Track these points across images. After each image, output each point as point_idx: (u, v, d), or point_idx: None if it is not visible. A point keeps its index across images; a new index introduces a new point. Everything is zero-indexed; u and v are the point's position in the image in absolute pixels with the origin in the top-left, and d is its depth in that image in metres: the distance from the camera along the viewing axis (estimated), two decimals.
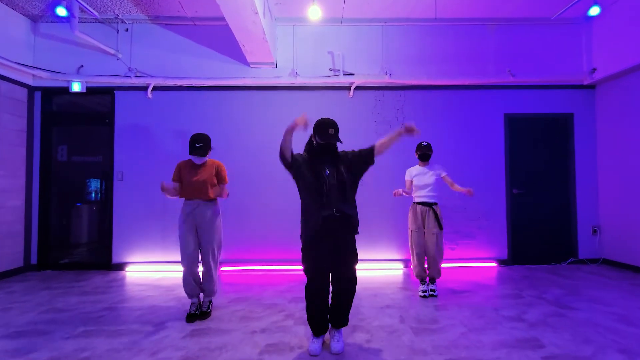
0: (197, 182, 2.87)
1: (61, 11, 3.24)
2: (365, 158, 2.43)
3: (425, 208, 3.42)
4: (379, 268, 4.50)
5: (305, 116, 2.25)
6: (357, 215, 2.36)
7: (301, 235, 2.34)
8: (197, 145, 2.83)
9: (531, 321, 2.78)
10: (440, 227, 3.40)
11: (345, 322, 2.36)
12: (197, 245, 2.91)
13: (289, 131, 2.26)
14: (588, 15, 3.52)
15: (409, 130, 2.39)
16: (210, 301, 3.01)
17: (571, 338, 2.47)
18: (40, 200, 4.55)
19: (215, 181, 2.96)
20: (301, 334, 2.56)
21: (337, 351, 2.24)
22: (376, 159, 2.49)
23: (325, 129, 2.26)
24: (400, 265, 4.56)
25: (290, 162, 2.31)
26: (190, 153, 2.85)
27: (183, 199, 2.97)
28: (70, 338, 2.51)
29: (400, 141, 4.57)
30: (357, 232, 2.37)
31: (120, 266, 4.51)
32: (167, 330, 2.64)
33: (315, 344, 2.27)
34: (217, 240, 2.96)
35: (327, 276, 2.31)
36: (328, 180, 2.26)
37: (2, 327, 2.72)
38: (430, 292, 3.42)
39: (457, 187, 3.46)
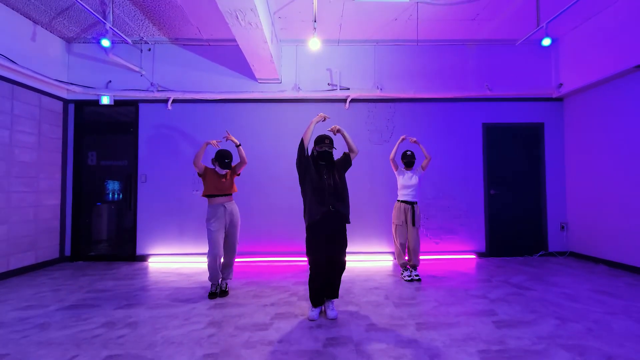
0: (223, 185, 3.51)
1: (105, 43, 3.86)
2: (344, 161, 3.11)
3: (408, 206, 4.04)
4: (371, 260, 5.09)
5: (323, 114, 3.06)
6: (348, 211, 2.99)
7: (306, 227, 2.96)
8: (226, 161, 3.48)
9: (492, 298, 3.38)
10: (416, 225, 4.03)
11: (336, 295, 2.98)
12: (223, 240, 3.54)
13: (313, 123, 2.98)
14: (541, 44, 4.12)
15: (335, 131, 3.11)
16: (227, 282, 3.62)
17: (520, 309, 3.07)
18: (73, 199, 5.16)
19: (233, 177, 3.63)
20: (303, 306, 3.17)
21: (333, 317, 2.86)
22: (353, 161, 3.19)
23: (322, 140, 2.97)
24: (390, 257, 5.15)
25: (306, 156, 2.96)
26: (221, 167, 3.49)
27: (206, 199, 3.57)
28: (117, 309, 3.12)
29: (391, 146, 5.15)
30: (349, 222, 2.99)
31: (144, 257, 5.12)
32: (194, 304, 3.24)
33: (313, 312, 2.88)
34: (238, 238, 3.65)
35: (325, 259, 2.91)
36: (327, 182, 2.90)
37: (58, 302, 3.33)
38: (416, 277, 4.02)
39: (423, 149, 4.22)
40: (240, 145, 3.65)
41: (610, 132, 4.61)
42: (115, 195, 5.32)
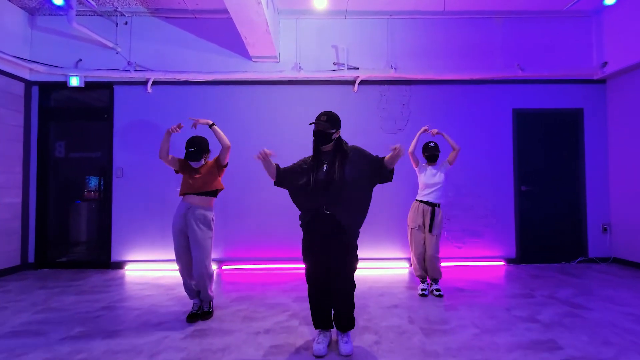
0: (194, 181, 2.74)
1: (58, 0, 3.13)
2: (378, 168, 2.26)
3: (429, 208, 3.32)
4: (384, 267, 4.39)
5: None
6: (351, 219, 2.19)
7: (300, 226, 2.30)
8: (190, 149, 2.70)
9: (545, 322, 2.67)
10: (435, 233, 3.30)
11: (350, 326, 2.23)
12: (189, 252, 2.73)
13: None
14: (604, 4, 3.39)
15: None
16: (210, 301, 2.89)
17: (589, 340, 2.36)
18: (37, 197, 4.45)
19: (214, 175, 2.83)
20: (307, 334, 2.46)
21: (346, 353, 2.13)
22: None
23: (318, 117, 2.23)
24: (406, 264, 4.45)
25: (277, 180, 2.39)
26: (185, 158, 2.74)
27: (180, 194, 2.82)
28: (65, 339, 2.41)
29: (406, 140, 4.48)
30: (351, 235, 2.21)
31: (119, 264, 4.41)
32: (167, 331, 2.53)
33: (320, 345, 2.16)
34: (207, 250, 2.72)
35: (323, 272, 2.20)
36: (320, 175, 2.17)
37: None
38: (437, 293, 3.31)
39: (449, 139, 3.45)
40: (214, 124, 2.82)
41: None
42: (88, 193, 4.60)
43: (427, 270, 3.38)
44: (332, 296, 2.21)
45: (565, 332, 2.49)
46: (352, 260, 2.22)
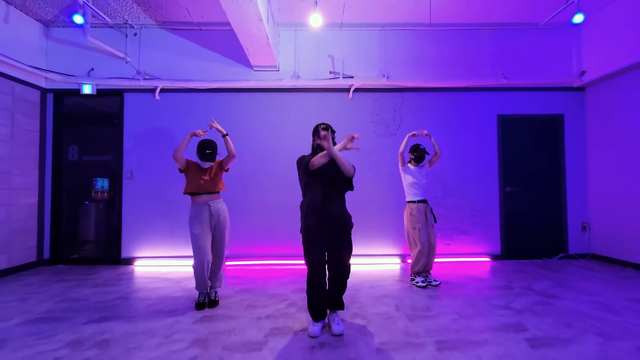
0: (206, 181, 3.06)
1: (78, 19, 3.43)
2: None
3: (425, 205, 3.64)
4: (376, 263, 4.68)
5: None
6: (345, 213, 2.57)
7: (300, 229, 2.56)
8: (207, 152, 3.03)
9: (518, 309, 2.97)
10: (435, 220, 3.67)
11: (341, 306, 2.59)
12: (211, 244, 3.09)
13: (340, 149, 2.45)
14: (572, 22, 3.70)
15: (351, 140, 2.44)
16: (216, 291, 3.19)
17: (553, 323, 2.66)
18: (52, 198, 4.74)
19: (220, 175, 3.16)
20: (303, 319, 2.75)
21: (339, 332, 2.44)
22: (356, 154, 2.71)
23: (317, 129, 2.56)
24: (397, 260, 4.74)
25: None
26: (201, 159, 3.05)
27: (189, 197, 3.14)
28: (88, 323, 2.71)
29: (398, 144, 4.77)
30: (350, 226, 2.57)
31: (129, 261, 4.70)
32: (178, 317, 2.83)
33: (315, 327, 2.47)
34: (226, 242, 3.19)
35: (323, 267, 2.51)
36: (323, 175, 2.48)
37: (24, 314, 2.91)
38: (435, 283, 3.63)
39: (435, 144, 3.80)
40: (227, 135, 3.21)
41: (636, 124, 4.20)
42: (99, 194, 4.90)
43: (427, 263, 3.65)
44: (330, 281, 2.55)
45: (534, 317, 2.78)
46: (350, 249, 2.56)
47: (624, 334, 2.45)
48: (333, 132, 2.61)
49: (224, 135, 3.19)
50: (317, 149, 2.55)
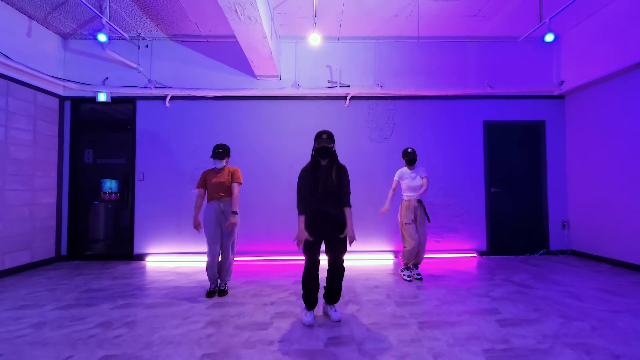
0: (217, 183, 3.42)
1: (102, 37, 3.79)
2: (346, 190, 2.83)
3: (417, 204, 3.97)
4: (371, 259, 5.04)
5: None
6: (341, 213, 2.78)
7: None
8: (217, 150, 3.41)
9: (495, 297, 3.33)
10: (428, 219, 3.97)
11: (337, 299, 2.87)
12: (221, 240, 3.45)
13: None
14: (544, 40, 4.09)
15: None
16: (226, 283, 3.55)
17: (524, 308, 3.03)
18: (69, 198, 5.09)
19: (230, 184, 3.51)
20: (304, 306, 3.11)
21: (337, 318, 2.76)
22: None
23: (319, 135, 2.78)
24: (391, 256, 5.10)
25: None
26: (212, 157, 3.42)
27: (206, 202, 3.51)
28: (114, 308, 3.06)
29: (391, 147, 5.15)
30: (344, 227, 2.79)
31: (141, 257, 5.05)
32: (193, 303, 3.19)
33: (308, 317, 2.75)
34: (235, 240, 3.51)
35: (316, 263, 2.79)
36: (321, 182, 2.73)
37: (55, 301, 3.27)
38: (417, 277, 3.96)
39: (421, 192, 3.92)
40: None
41: (612, 130, 4.58)
42: (113, 194, 5.25)
43: (416, 257, 3.97)
44: (330, 277, 2.82)
45: (508, 303, 3.15)
46: (344, 249, 2.81)
47: (584, 316, 2.82)
48: (332, 142, 2.76)
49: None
50: (316, 155, 2.78)
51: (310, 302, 2.82)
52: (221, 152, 3.43)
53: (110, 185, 5.26)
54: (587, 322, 2.72)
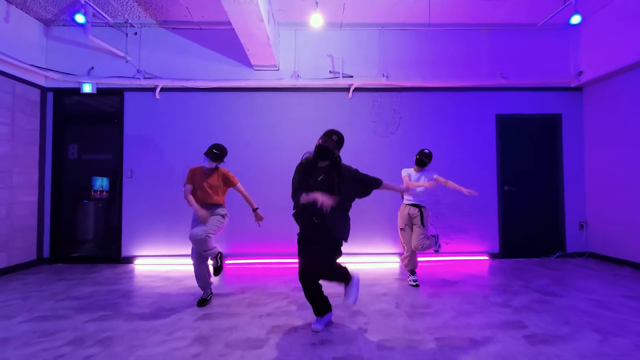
0: (207, 187, 3.10)
1: (79, 18, 3.44)
2: (368, 184, 2.53)
3: (415, 210, 3.62)
4: (376, 262, 4.71)
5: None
6: (340, 227, 2.45)
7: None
8: (214, 151, 3.08)
9: (517, 306, 3.00)
10: (425, 226, 3.59)
11: (346, 280, 2.53)
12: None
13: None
14: (570, 23, 3.74)
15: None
16: (217, 256, 3.15)
17: (551, 320, 2.69)
18: (52, 196, 4.74)
19: (222, 187, 3.18)
20: (304, 317, 2.78)
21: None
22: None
23: (328, 133, 2.41)
24: (396, 259, 4.76)
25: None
26: (206, 154, 3.08)
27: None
28: (90, 321, 2.72)
29: (397, 142, 4.82)
30: (340, 242, 2.48)
31: (129, 259, 4.71)
32: (180, 314, 2.85)
33: (318, 324, 2.51)
34: (215, 224, 3.08)
35: (310, 270, 2.49)
36: (316, 186, 2.35)
37: (26, 312, 2.93)
38: (413, 284, 3.64)
39: (453, 184, 3.57)
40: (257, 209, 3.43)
41: (634, 124, 4.25)
42: (99, 192, 4.90)
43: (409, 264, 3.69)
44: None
45: (533, 314, 2.82)
46: (327, 257, 2.47)
47: (621, 331, 2.49)
48: (338, 146, 2.42)
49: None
50: (319, 151, 2.40)
51: (314, 308, 2.57)
52: (218, 154, 3.11)
53: (101, 183, 4.91)
54: (627, 337, 2.39)
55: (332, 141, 2.39)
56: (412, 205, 3.65)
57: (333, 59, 4.86)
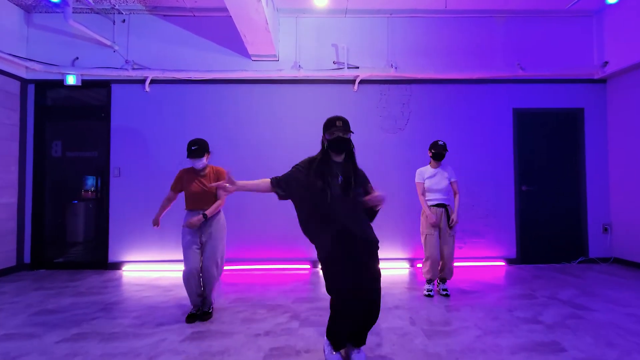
0: (199, 193, 2.74)
1: None
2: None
3: (441, 209, 3.29)
4: (385, 267, 4.33)
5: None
6: (370, 227, 2.09)
7: (319, 258, 2.05)
8: (192, 148, 2.72)
9: (548, 323, 2.65)
10: (450, 226, 3.28)
11: (364, 342, 2.08)
12: (200, 256, 2.77)
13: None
14: (606, 3, 3.37)
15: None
16: (212, 303, 2.86)
17: (592, 342, 2.33)
18: (33, 197, 4.39)
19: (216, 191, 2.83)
20: (307, 336, 2.42)
21: None
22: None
23: (332, 122, 2.00)
24: (406, 265, 4.42)
25: (284, 194, 2.12)
26: (188, 157, 2.74)
27: (186, 209, 2.85)
28: (61, 342, 2.36)
29: (407, 139, 4.45)
30: (374, 243, 2.07)
31: (117, 265, 4.35)
32: (165, 333, 2.49)
33: (334, 356, 2.02)
34: (220, 251, 2.82)
35: (352, 295, 1.95)
36: (334, 190, 1.96)
37: None
38: (444, 293, 3.29)
39: (456, 202, 3.37)
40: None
41: None
42: (84, 192, 4.55)
43: (441, 271, 3.33)
44: (362, 315, 2.01)
45: (569, 333, 2.46)
46: (379, 278, 2.07)
47: None
48: (349, 130, 2.01)
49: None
50: (328, 146, 2.03)
51: (338, 343, 2.02)
52: (198, 148, 2.73)
53: (87, 182, 4.56)
54: None
55: (340, 128, 1.98)
56: (437, 205, 3.30)
57: (337, 48, 4.50)
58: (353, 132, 2.05)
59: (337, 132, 1.98)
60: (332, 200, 1.94)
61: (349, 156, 2.07)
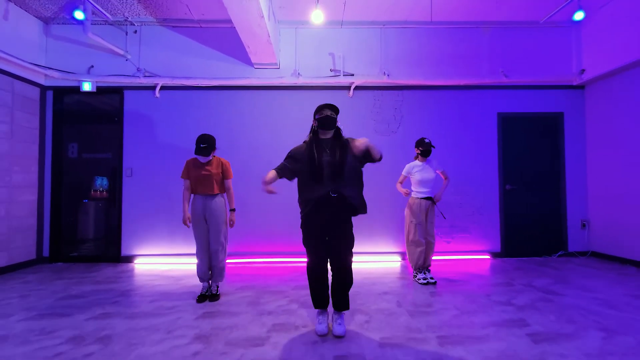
0: (203, 176, 3.08)
1: (79, 15, 3.42)
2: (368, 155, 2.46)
3: (429, 202, 3.62)
4: (377, 260, 4.68)
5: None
6: (358, 196, 2.44)
7: (301, 216, 2.48)
8: (201, 145, 3.04)
9: (519, 305, 2.97)
10: (444, 217, 3.66)
11: (345, 307, 2.47)
12: (208, 237, 3.12)
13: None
14: (573, 19, 3.72)
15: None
16: (218, 285, 3.20)
17: (555, 319, 2.66)
18: (52, 195, 4.72)
19: (220, 177, 3.16)
20: (305, 315, 2.75)
21: (340, 334, 2.37)
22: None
23: (322, 107, 2.44)
24: (398, 258, 4.74)
25: (290, 175, 2.50)
26: (196, 153, 3.06)
27: (192, 194, 3.19)
28: (90, 319, 2.70)
29: (399, 141, 4.79)
30: (358, 213, 2.45)
31: (129, 259, 4.68)
32: (179, 313, 2.82)
33: (322, 325, 2.42)
34: (224, 232, 3.17)
35: (324, 257, 2.44)
36: (324, 159, 2.36)
37: (24, 310, 2.90)
38: (432, 280, 3.61)
39: (444, 184, 3.74)
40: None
41: (636, 122, 4.22)
42: (99, 191, 4.88)
43: (425, 259, 3.66)
44: (332, 279, 2.45)
45: (536, 313, 2.79)
46: (350, 245, 2.46)
47: (627, 329, 2.46)
48: (336, 112, 2.45)
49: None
50: (319, 127, 2.43)
51: (319, 300, 2.47)
52: (207, 147, 3.06)
53: (101, 182, 4.88)
54: (633, 335, 2.36)
55: (328, 111, 2.42)
56: (425, 198, 3.63)
57: (334, 57, 4.84)
58: (336, 116, 2.45)
59: (326, 112, 2.41)
60: (319, 164, 2.34)
61: (336, 136, 2.47)
